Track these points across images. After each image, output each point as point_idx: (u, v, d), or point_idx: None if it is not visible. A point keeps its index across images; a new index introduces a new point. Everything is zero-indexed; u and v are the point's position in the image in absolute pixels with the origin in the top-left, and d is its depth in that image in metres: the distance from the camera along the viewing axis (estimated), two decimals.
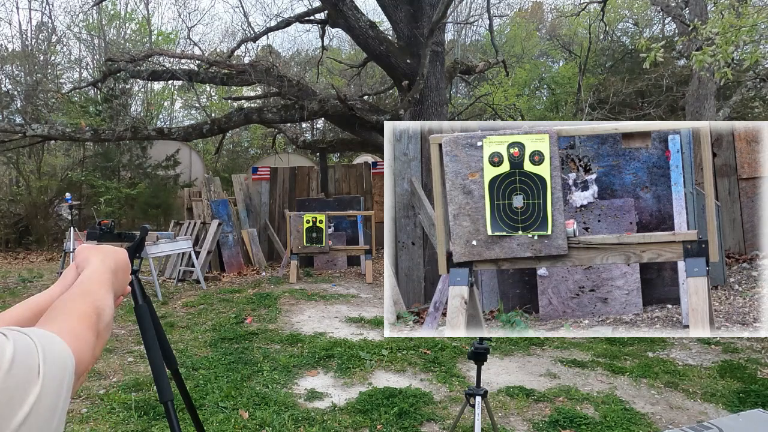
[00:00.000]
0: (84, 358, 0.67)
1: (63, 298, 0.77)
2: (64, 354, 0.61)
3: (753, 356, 4.73)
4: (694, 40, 6.17)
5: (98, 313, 0.75)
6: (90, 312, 0.74)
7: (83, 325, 0.71)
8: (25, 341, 0.56)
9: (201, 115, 17.56)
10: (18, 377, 0.53)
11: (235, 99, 13.23)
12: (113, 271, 0.90)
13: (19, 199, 13.18)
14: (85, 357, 0.67)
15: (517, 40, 19.50)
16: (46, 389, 0.55)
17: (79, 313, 0.72)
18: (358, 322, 5.92)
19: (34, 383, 0.54)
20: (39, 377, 0.55)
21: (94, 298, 0.78)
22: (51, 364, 0.57)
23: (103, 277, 0.86)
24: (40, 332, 0.60)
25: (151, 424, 3.45)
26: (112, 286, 0.87)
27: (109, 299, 0.82)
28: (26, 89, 14.19)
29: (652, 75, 13.06)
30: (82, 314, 0.73)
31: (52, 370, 0.57)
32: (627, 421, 3.47)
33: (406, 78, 8.91)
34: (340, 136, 13.17)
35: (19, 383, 0.53)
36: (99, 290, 0.81)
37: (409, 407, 3.63)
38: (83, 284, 0.82)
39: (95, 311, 0.75)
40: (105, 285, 0.84)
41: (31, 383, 0.54)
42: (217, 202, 9.16)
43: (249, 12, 29.62)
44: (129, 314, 6.03)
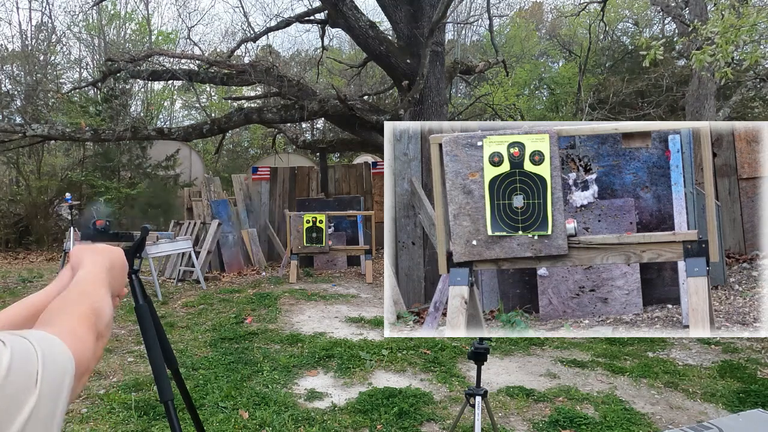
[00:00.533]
0: (85, 359, 0.66)
1: (61, 299, 0.76)
2: (65, 357, 0.61)
3: (753, 356, 4.73)
4: (694, 41, 6.17)
5: (97, 313, 0.75)
6: (89, 313, 0.73)
7: (83, 327, 0.70)
8: (24, 346, 0.56)
9: (201, 115, 17.56)
10: (16, 384, 0.52)
11: (235, 99, 13.23)
12: (109, 270, 0.90)
13: (19, 199, 13.18)
14: (86, 358, 0.67)
15: (516, 40, 19.50)
16: (45, 396, 0.55)
17: (79, 314, 0.72)
18: (358, 322, 5.92)
19: (32, 391, 0.54)
20: (37, 385, 0.54)
21: (92, 298, 0.77)
22: (51, 368, 0.57)
23: (98, 276, 0.85)
24: (40, 335, 0.60)
25: (151, 424, 3.45)
26: (108, 285, 0.86)
27: (107, 298, 0.82)
28: (26, 89, 14.19)
29: (652, 75, 13.06)
30: (82, 315, 0.72)
31: (51, 375, 0.56)
32: (627, 421, 3.47)
33: (406, 78, 8.91)
34: (340, 136, 13.17)
35: (17, 391, 0.52)
36: (96, 290, 0.81)
37: (409, 407, 3.63)
38: (79, 285, 0.81)
39: (94, 312, 0.75)
40: (102, 284, 0.84)
41: (29, 391, 0.53)
42: (217, 202, 9.16)
43: (249, 12, 29.62)
44: (129, 314, 6.03)
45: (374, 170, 11.22)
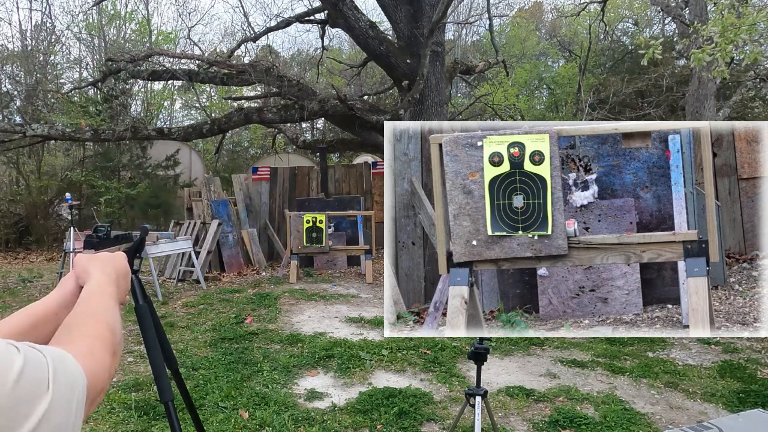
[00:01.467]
0: (100, 379, 0.68)
1: (75, 316, 0.77)
2: (75, 374, 0.61)
3: (753, 356, 4.73)
4: (694, 41, 6.18)
5: (113, 331, 0.76)
6: (106, 333, 0.75)
7: (100, 347, 0.71)
8: (36, 356, 0.57)
9: (201, 115, 17.56)
10: (26, 388, 0.53)
11: (235, 99, 13.24)
12: (115, 281, 0.91)
13: (19, 199, 13.18)
14: (102, 378, 0.68)
15: (516, 40, 19.49)
16: (57, 402, 0.56)
17: (96, 334, 0.73)
18: (358, 322, 5.92)
19: (44, 395, 0.55)
20: (48, 391, 0.55)
21: (106, 316, 0.79)
22: (62, 379, 0.58)
23: (108, 290, 0.87)
24: (53, 350, 0.61)
25: (151, 424, 3.45)
26: (117, 298, 0.87)
27: (117, 313, 0.83)
28: (26, 89, 14.19)
29: (652, 75, 13.06)
30: (98, 335, 0.73)
31: (61, 389, 0.57)
32: (627, 421, 3.47)
33: (406, 78, 8.91)
34: (340, 136, 13.17)
35: (28, 395, 0.54)
36: (108, 306, 0.82)
37: (409, 407, 3.63)
38: (91, 301, 0.82)
39: (110, 331, 0.76)
40: (111, 298, 0.85)
41: (41, 397, 0.55)
42: (217, 202, 9.16)
43: (249, 12, 29.61)
44: (129, 314, 6.03)
45: (374, 170, 11.22)
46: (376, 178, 11.09)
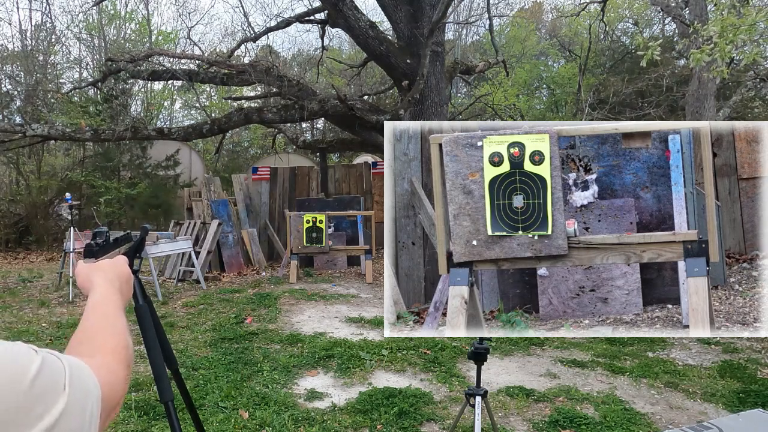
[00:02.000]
0: (117, 392, 0.69)
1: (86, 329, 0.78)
2: (90, 384, 0.62)
3: (753, 356, 4.73)
4: (694, 41, 6.17)
5: (126, 345, 0.78)
6: (121, 346, 0.76)
7: (116, 360, 0.73)
8: (54, 361, 0.58)
9: (201, 115, 17.55)
10: (42, 388, 0.54)
11: (235, 99, 13.23)
12: (119, 289, 0.92)
13: (19, 199, 13.18)
14: (118, 391, 0.69)
15: (516, 40, 19.49)
16: (73, 405, 0.57)
17: (112, 349, 0.75)
18: (358, 322, 5.92)
19: (60, 396, 0.56)
20: (64, 394, 0.56)
21: (118, 329, 0.80)
22: (77, 385, 0.59)
23: (114, 301, 0.88)
24: (70, 358, 0.62)
25: (151, 424, 3.45)
26: (122, 306, 0.89)
27: (125, 323, 0.84)
28: (26, 89, 14.19)
29: (652, 75, 13.06)
30: (115, 349, 0.75)
31: (76, 394, 0.58)
32: (627, 421, 3.47)
33: (406, 78, 8.91)
34: (340, 136, 13.17)
35: (45, 392, 0.54)
36: (119, 318, 0.84)
37: (409, 407, 3.63)
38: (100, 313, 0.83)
39: (125, 344, 0.78)
40: (119, 309, 0.87)
41: (56, 399, 0.55)
42: (217, 202, 9.16)
43: (249, 12, 29.61)
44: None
45: (374, 170, 11.22)
46: (376, 178, 11.09)
